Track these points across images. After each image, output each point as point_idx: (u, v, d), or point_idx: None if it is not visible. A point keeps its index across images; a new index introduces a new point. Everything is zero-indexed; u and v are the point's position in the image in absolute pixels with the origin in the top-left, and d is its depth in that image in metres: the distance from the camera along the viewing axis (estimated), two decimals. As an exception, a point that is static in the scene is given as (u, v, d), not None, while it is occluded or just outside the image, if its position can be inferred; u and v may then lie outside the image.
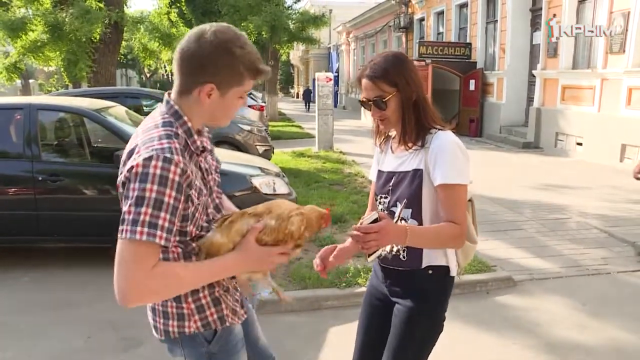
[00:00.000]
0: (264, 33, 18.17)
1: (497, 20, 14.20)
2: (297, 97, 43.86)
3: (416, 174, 1.74)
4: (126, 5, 13.06)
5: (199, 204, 1.43)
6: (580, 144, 10.76)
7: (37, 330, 3.62)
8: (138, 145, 1.35)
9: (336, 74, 29.62)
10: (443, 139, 1.72)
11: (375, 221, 1.57)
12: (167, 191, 1.28)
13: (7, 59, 12.80)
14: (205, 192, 1.48)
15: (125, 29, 12.67)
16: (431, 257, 1.78)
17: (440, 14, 18.07)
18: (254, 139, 8.68)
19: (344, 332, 3.40)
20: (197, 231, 1.46)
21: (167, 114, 1.43)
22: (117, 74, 19.58)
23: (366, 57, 26.76)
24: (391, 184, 1.80)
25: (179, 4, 19.15)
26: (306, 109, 28.83)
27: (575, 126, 10.88)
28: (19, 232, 4.62)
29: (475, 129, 14.49)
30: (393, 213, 1.78)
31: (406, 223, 1.75)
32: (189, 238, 1.44)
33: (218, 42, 1.37)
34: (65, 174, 4.59)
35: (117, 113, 5.26)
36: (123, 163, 1.37)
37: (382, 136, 1.92)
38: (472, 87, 14.74)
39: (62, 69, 12.57)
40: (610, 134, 9.62)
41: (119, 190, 1.36)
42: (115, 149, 4.56)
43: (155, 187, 1.27)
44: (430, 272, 1.79)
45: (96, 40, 11.36)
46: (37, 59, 12.32)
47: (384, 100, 1.73)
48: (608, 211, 6.26)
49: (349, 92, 28.90)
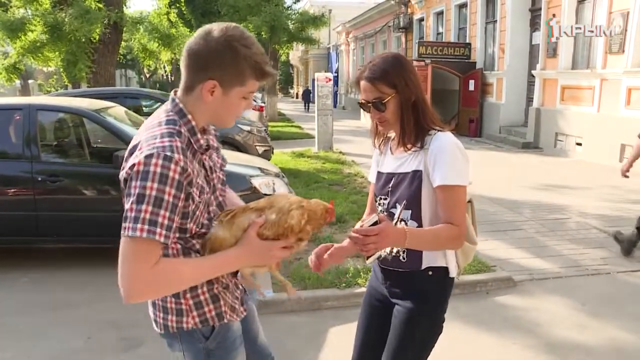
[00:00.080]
0: (263, 33, 18.17)
1: (496, 21, 14.21)
2: (297, 98, 43.88)
3: (415, 175, 1.74)
4: (125, 5, 13.06)
5: (200, 201, 1.44)
6: (579, 144, 10.77)
7: (37, 330, 3.61)
8: (141, 142, 1.37)
9: (336, 74, 29.66)
10: (442, 140, 1.72)
11: (375, 224, 1.57)
12: (167, 189, 1.30)
13: (7, 60, 12.80)
14: (208, 190, 1.49)
15: (124, 29, 12.67)
16: (431, 258, 1.78)
17: (440, 14, 18.08)
18: (253, 139, 8.68)
19: (344, 332, 3.39)
20: (197, 228, 1.47)
21: (172, 111, 1.45)
22: (117, 74, 19.57)
23: (366, 58, 26.78)
24: (391, 185, 1.80)
25: (178, 5, 19.19)
26: (305, 109, 28.84)
27: (574, 126, 10.89)
28: (19, 232, 4.62)
29: (474, 129, 14.49)
30: (393, 214, 1.78)
31: (406, 224, 1.75)
32: (188, 235, 1.46)
33: (223, 39, 1.38)
34: (64, 174, 4.59)
35: (117, 113, 5.26)
36: (125, 159, 1.39)
37: (381, 137, 1.92)
38: (471, 87, 14.75)
39: (62, 70, 12.57)
40: (609, 134, 9.63)
41: (121, 186, 1.38)
42: (115, 149, 4.56)
43: (156, 185, 1.29)
44: (430, 273, 1.79)
45: (95, 41, 11.35)
46: (36, 59, 12.32)
47: (383, 102, 1.73)
48: (608, 211, 6.27)
49: (349, 92, 28.90)
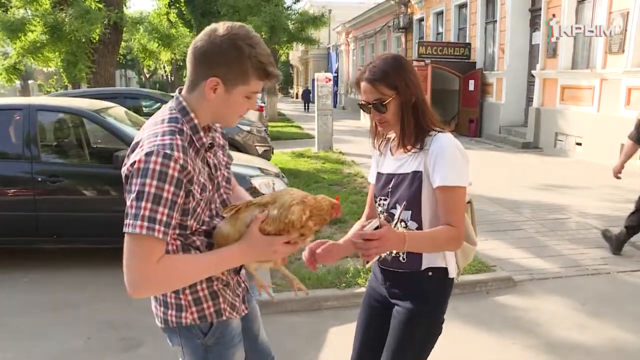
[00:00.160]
0: (263, 33, 18.14)
1: (496, 21, 14.21)
2: (297, 98, 43.88)
3: (415, 176, 1.74)
4: (125, 5, 13.07)
5: (201, 199, 1.45)
6: (579, 144, 10.77)
7: (37, 331, 3.61)
8: (142, 139, 1.40)
9: (335, 75, 29.67)
10: (443, 141, 1.72)
11: (377, 228, 1.57)
12: (166, 187, 1.32)
13: (7, 60, 12.80)
14: (211, 187, 1.51)
15: (124, 29, 12.68)
16: (431, 259, 1.78)
17: (440, 14, 18.08)
18: (253, 139, 8.68)
19: (344, 332, 3.39)
20: (198, 225, 1.48)
21: (175, 109, 1.46)
22: (117, 74, 19.57)
23: (365, 58, 26.78)
24: (390, 186, 1.80)
25: (178, 5, 19.18)
26: (305, 109, 28.84)
27: (574, 126, 10.89)
28: (19, 233, 4.62)
29: (474, 129, 14.49)
30: (392, 215, 1.78)
31: (406, 225, 1.76)
32: (189, 232, 1.47)
33: (228, 37, 1.39)
34: (64, 174, 4.59)
35: (117, 114, 5.25)
36: (127, 156, 1.42)
37: (381, 138, 1.92)
38: (471, 87, 14.75)
39: (62, 70, 12.58)
40: (609, 133, 9.63)
41: (123, 182, 1.41)
42: (115, 149, 4.56)
43: (155, 183, 1.31)
44: (430, 273, 1.79)
45: (95, 41, 11.36)
46: (36, 59, 12.33)
47: (383, 103, 1.73)
48: (608, 211, 6.27)
49: (349, 92, 28.90)
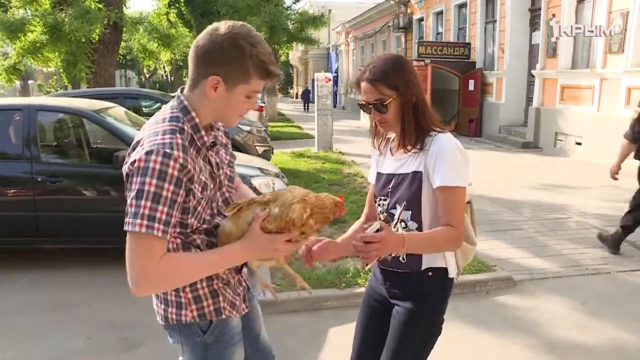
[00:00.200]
0: (263, 33, 18.12)
1: (496, 20, 14.20)
2: (296, 98, 43.88)
3: (415, 176, 1.74)
4: (125, 5, 13.07)
5: (202, 197, 1.46)
6: (579, 143, 10.76)
7: (37, 331, 3.61)
8: (143, 138, 1.41)
9: (335, 74, 29.66)
10: (443, 142, 1.72)
11: (377, 231, 1.57)
12: (166, 185, 1.33)
13: (7, 61, 12.80)
14: (212, 186, 1.51)
15: (124, 29, 12.68)
16: (430, 259, 1.78)
17: (440, 14, 18.08)
18: (253, 139, 8.68)
19: (344, 332, 3.39)
20: (199, 224, 1.49)
21: (177, 108, 1.47)
22: (116, 74, 19.56)
23: (365, 58, 26.77)
24: (390, 186, 1.80)
25: (178, 5, 19.17)
26: (305, 109, 28.83)
27: (574, 126, 10.89)
28: (18, 233, 4.62)
29: (474, 129, 14.49)
30: (392, 215, 1.79)
31: (406, 225, 1.76)
32: (189, 230, 1.48)
33: (229, 36, 1.40)
34: (64, 175, 4.59)
35: (116, 114, 5.25)
36: (129, 154, 1.43)
37: (380, 138, 1.92)
38: (471, 87, 14.74)
39: (61, 70, 12.58)
40: (609, 133, 9.61)
41: (124, 181, 1.42)
42: (115, 149, 4.57)
43: (154, 181, 1.32)
44: (430, 273, 1.79)
45: (95, 41, 11.36)
46: (36, 60, 12.32)
47: (384, 103, 1.72)
48: (608, 211, 6.26)
49: (348, 92, 28.89)
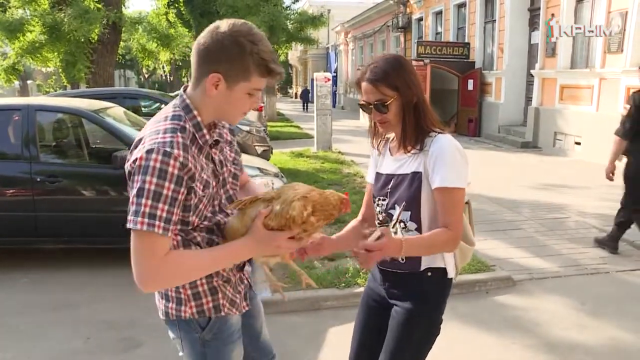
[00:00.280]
0: (262, 33, 18.12)
1: (495, 20, 14.20)
2: (296, 98, 43.85)
3: (415, 177, 1.74)
4: (124, 5, 13.06)
5: (203, 195, 1.47)
6: (578, 143, 10.77)
7: (37, 331, 3.61)
8: (145, 136, 1.42)
9: (334, 74, 29.64)
10: (443, 143, 1.72)
11: (378, 238, 1.58)
12: (166, 184, 1.34)
13: (5, 61, 12.78)
14: (215, 184, 1.53)
15: (123, 29, 12.68)
16: (430, 260, 1.78)
17: (439, 13, 18.08)
18: (252, 139, 8.68)
19: (343, 332, 3.39)
20: (200, 221, 1.50)
21: (179, 107, 1.49)
22: (116, 74, 19.55)
23: (364, 57, 26.76)
24: (390, 187, 1.80)
25: (177, 5, 19.12)
26: (304, 109, 28.82)
27: (573, 126, 10.90)
28: (18, 233, 4.62)
29: (473, 129, 14.50)
30: (391, 215, 1.79)
31: (405, 225, 1.76)
32: (190, 227, 1.49)
33: (229, 34, 1.40)
34: (63, 175, 4.58)
35: (116, 114, 5.25)
36: (131, 152, 1.44)
37: (379, 138, 1.92)
38: (470, 86, 14.75)
39: (61, 70, 12.58)
40: (608, 133, 9.51)
41: (126, 179, 1.44)
42: (114, 149, 4.56)
43: (155, 180, 1.33)
44: (429, 274, 1.79)
45: (94, 41, 11.35)
46: (35, 60, 12.31)
47: (385, 104, 1.72)
48: (607, 210, 6.25)
49: (348, 92, 28.89)
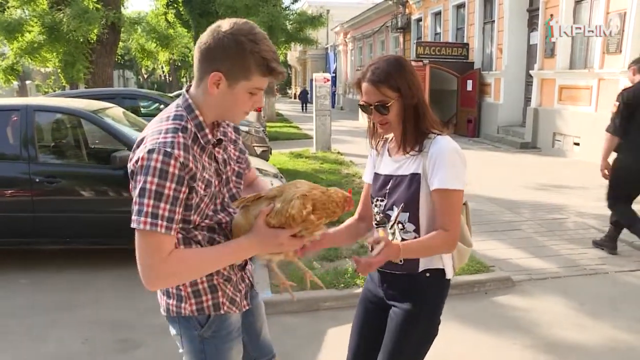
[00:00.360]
0: (261, 34, 18.09)
1: (494, 21, 14.21)
2: (295, 98, 43.83)
3: (414, 178, 1.74)
4: (123, 5, 13.05)
5: (205, 195, 1.48)
6: (577, 144, 10.77)
7: (35, 332, 3.60)
8: (147, 136, 1.43)
9: (334, 75, 29.66)
10: (442, 144, 1.72)
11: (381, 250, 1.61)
12: (167, 184, 1.36)
13: (4, 61, 12.77)
14: (217, 183, 1.54)
15: (122, 29, 12.67)
16: (428, 261, 1.78)
17: (438, 14, 18.09)
18: (251, 139, 8.67)
19: (342, 333, 3.37)
20: (201, 220, 1.51)
21: (181, 106, 1.49)
22: (115, 74, 19.52)
23: (364, 58, 26.77)
24: (388, 188, 1.80)
25: (176, 5, 19.10)
26: (302, 110, 28.80)
27: (572, 126, 10.90)
28: (16, 234, 4.60)
29: (472, 129, 14.50)
30: (389, 216, 1.79)
31: (403, 226, 1.76)
32: (191, 226, 1.50)
33: (230, 33, 1.41)
34: (62, 175, 4.57)
35: (115, 114, 5.24)
36: (133, 151, 1.46)
37: (378, 138, 1.91)
38: (469, 87, 14.76)
39: (59, 70, 12.56)
40: (607, 133, 9.63)
41: (130, 178, 1.45)
42: (113, 150, 4.56)
43: (156, 180, 1.35)
44: (427, 275, 1.79)
45: (93, 41, 11.34)
46: (34, 60, 12.30)
47: (386, 105, 1.72)
48: (606, 211, 6.22)
49: (347, 92, 28.90)
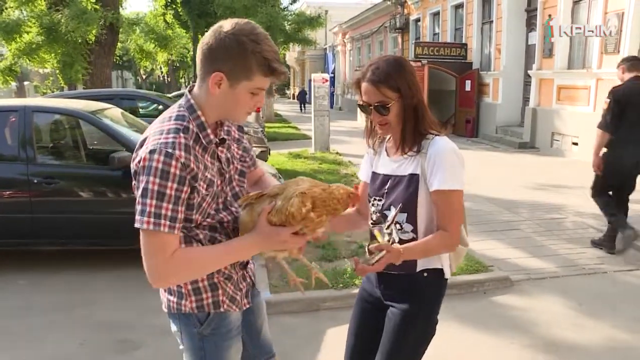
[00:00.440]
0: (260, 34, 18.05)
1: (492, 21, 14.22)
2: (293, 99, 43.84)
3: (412, 179, 1.74)
4: (122, 6, 13.04)
5: (206, 194, 1.49)
6: (576, 143, 10.78)
7: (33, 333, 3.59)
8: (149, 135, 1.44)
9: (332, 75, 29.62)
10: (440, 145, 1.72)
11: (381, 257, 1.63)
12: (169, 184, 1.38)
13: (2, 62, 12.75)
14: (220, 182, 1.55)
15: (120, 30, 12.66)
16: (426, 260, 1.78)
17: (436, 14, 18.10)
18: (250, 140, 8.65)
19: (341, 333, 3.35)
20: (202, 219, 1.52)
21: (183, 107, 1.50)
22: (113, 75, 19.51)
23: (362, 58, 26.76)
24: (387, 187, 1.80)
25: (174, 6, 19.08)
26: (301, 110, 28.80)
27: (570, 126, 10.91)
28: (14, 235, 4.59)
29: (471, 129, 14.51)
30: (386, 216, 1.79)
31: (401, 227, 1.76)
32: (193, 225, 1.51)
33: (232, 33, 1.41)
34: (60, 176, 4.57)
35: (113, 115, 5.23)
36: (136, 150, 1.47)
37: (375, 137, 1.91)
38: (468, 87, 14.76)
39: (58, 71, 12.55)
40: (605, 133, 9.63)
41: (132, 178, 1.47)
42: (111, 151, 4.55)
43: (158, 180, 1.37)
44: (425, 274, 1.79)
45: (91, 42, 11.33)
46: (32, 61, 12.30)
47: (387, 106, 1.72)
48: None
49: (345, 93, 28.90)
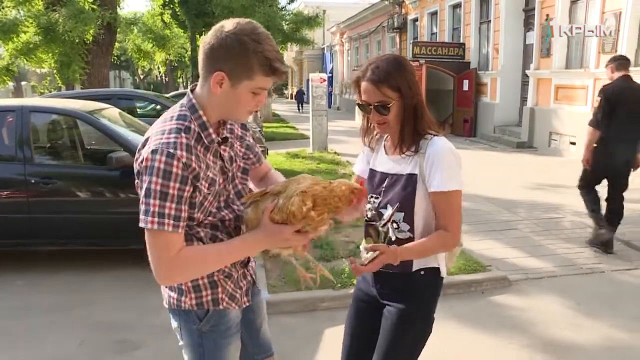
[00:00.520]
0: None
1: (490, 21, 14.25)
2: (291, 98, 43.84)
3: (410, 179, 1.74)
4: (119, 6, 13.02)
5: (208, 193, 1.50)
6: (573, 143, 10.79)
7: (32, 333, 3.58)
8: (151, 135, 1.45)
9: (330, 75, 29.61)
10: (438, 146, 1.73)
11: (376, 257, 1.65)
12: (171, 184, 1.39)
13: (0, 62, 12.72)
14: (222, 180, 1.56)
15: (118, 30, 12.64)
16: (422, 259, 1.79)
17: (434, 14, 18.11)
18: (248, 140, 8.65)
19: (339, 333, 3.35)
20: (204, 217, 1.53)
21: (185, 106, 1.51)
22: (111, 75, 19.50)
23: (360, 58, 26.78)
24: (384, 186, 1.80)
25: (172, 6, 19.06)
26: (298, 110, 28.79)
27: (568, 126, 10.93)
28: (12, 235, 4.58)
29: (469, 129, 14.53)
30: (381, 214, 1.79)
31: (398, 226, 1.76)
32: (195, 223, 1.53)
33: (233, 32, 1.42)
34: (58, 176, 4.56)
35: (110, 115, 5.22)
36: (138, 150, 1.48)
37: (371, 135, 1.91)
38: (465, 87, 14.78)
39: (55, 71, 12.52)
40: (603, 133, 9.65)
41: (135, 178, 1.48)
42: (109, 151, 4.54)
43: (160, 180, 1.38)
44: (422, 273, 1.79)
45: (89, 42, 11.31)
46: (29, 61, 12.28)
47: (387, 106, 1.71)
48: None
49: (343, 92, 28.90)
